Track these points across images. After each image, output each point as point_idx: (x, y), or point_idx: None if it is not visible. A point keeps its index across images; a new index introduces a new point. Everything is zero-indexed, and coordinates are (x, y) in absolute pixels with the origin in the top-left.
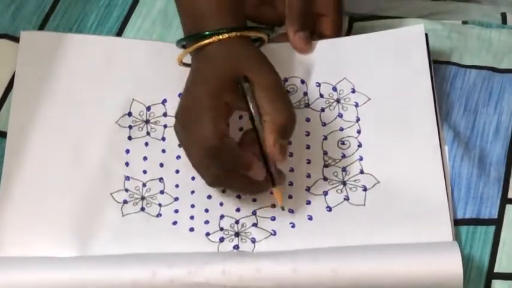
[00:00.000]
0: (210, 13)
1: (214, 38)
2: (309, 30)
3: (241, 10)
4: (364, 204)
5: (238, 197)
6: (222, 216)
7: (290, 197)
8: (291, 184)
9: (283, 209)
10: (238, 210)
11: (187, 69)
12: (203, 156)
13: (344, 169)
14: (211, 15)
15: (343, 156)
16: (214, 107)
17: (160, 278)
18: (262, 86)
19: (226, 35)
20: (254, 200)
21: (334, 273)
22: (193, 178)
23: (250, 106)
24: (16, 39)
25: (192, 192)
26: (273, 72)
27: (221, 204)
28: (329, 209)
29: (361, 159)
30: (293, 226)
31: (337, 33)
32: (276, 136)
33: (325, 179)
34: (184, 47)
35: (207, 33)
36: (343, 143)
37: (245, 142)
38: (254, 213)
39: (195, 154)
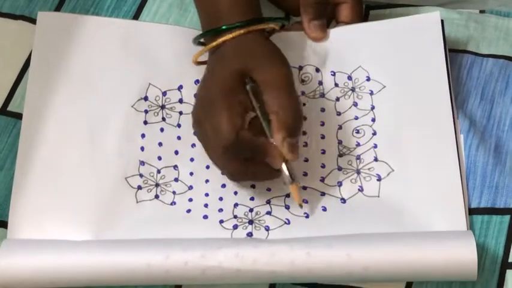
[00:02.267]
0: (225, 7)
1: (227, 37)
2: (325, 19)
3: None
4: (379, 196)
5: (253, 186)
6: (236, 205)
7: (304, 188)
8: (305, 174)
9: (301, 206)
10: (252, 199)
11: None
12: (221, 153)
13: (358, 157)
14: (226, 9)
15: (358, 144)
16: (228, 106)
17: (174, 261)
18: (268, 84)
19: (239, 31)
20: (268, 190)
21: (348, 257)
22: (207, 167)
23: (256, 107)
24: (32, 21)
25: (207, 181)
26: (281, 66)
27: (235, 193)
28: (343, 201)
29: (375, 146)
30: (307, 216)
31: (357, 20)
32: (283, 135)
33: (339, 169)
34: (201, 43)
35: (224, 27)
36: (357, 132)
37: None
38: (268, 202)
39: (213, 150)
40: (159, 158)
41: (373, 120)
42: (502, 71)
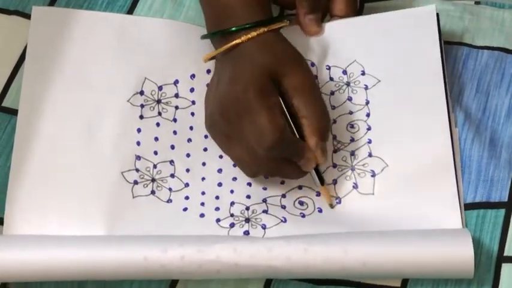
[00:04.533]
0: (236, 6)
1: (244, 38)
2: (320, 13)
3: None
4: (373, 193)
5: (249, 184)
6: (232, 203)
7: (300, 187)
8: None
9: (331, 206)
10: (248, 197)
11: (200, 50)
12: (264, 153)
13: (353, 153)
14: (238, 8)
15: (352, 139)
16: (269, 106)
17: (171, 255)
18: (299, 89)
19: (254, 33)
20: (264, 188)
21: (345, 254)
22: (203, 164)
23: (285, 110)
24: (26, 16)
25: (203, 179)
26: (308, 70)
27: (232, 191)
28: (339, 200)
29: (369, 142)
30: (303, 216)
31: (351, 13)
32: (316, 139)
33: (334, 165)
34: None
35: (233, 29)
36: (352, 126)
37: None
38: (264, 200)
39: (250, 151)
40: (155, 153)
41: (368, 115)
42: (497, 63)
